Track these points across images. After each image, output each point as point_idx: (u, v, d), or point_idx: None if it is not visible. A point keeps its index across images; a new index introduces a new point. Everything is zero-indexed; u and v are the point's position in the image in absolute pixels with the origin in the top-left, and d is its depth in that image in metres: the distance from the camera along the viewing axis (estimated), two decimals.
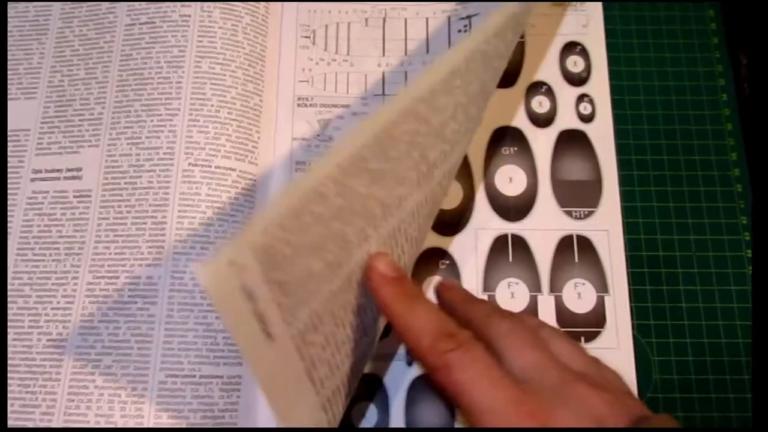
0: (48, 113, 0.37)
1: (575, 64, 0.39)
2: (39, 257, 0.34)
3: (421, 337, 0.25)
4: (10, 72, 0.38)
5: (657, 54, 0.40)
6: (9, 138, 0.37)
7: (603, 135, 0.38)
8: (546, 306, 0.35)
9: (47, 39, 0.39)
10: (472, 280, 0.35)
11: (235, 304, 0.21)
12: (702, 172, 0.37)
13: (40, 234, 0.35)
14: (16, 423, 0.32)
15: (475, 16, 0.39)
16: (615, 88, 0.39)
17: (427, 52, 0.39)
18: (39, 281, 0.34)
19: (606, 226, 0.36)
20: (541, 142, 0.38)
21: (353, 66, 0.39)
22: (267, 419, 0.32)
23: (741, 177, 0.37)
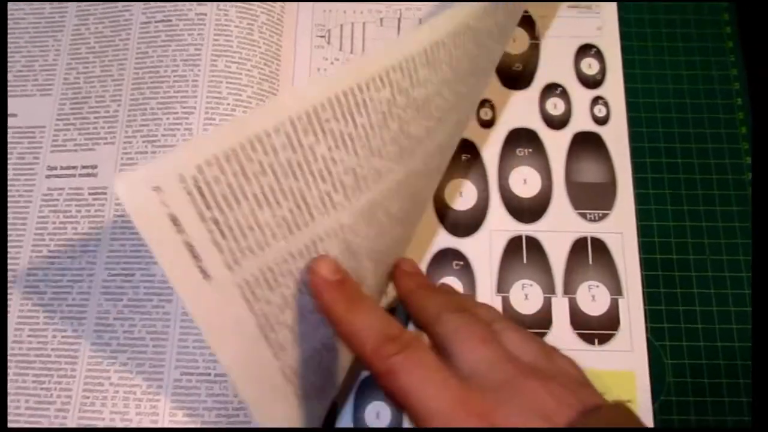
0: (63, 110, 0.37)
1: (590, 67, 0.39)
2: (54, 254, 0.34)
3: (364, 342, 0.24)
4: (26, 69, 0.38)
5: (671, 57, 0.40)
6: (24, 134, 0.37)
7: (617, 137, 0.38)
8: (560, 308, 0.35)
9: (63, 36, 0.39)
10: (486, 281, 0.35)
11: (162, 232, 0.20)
12: (717, 175, 0.37)
13: (55, 231, 0.35)
14: (31, 419, 0.32)
15: None
16: (629, 91, 0.39)
17: None
18: (54, 278, 0.34)
19: (620, 229, 0.36)
20: (556, 144, 0.38)
21: None
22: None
23: None
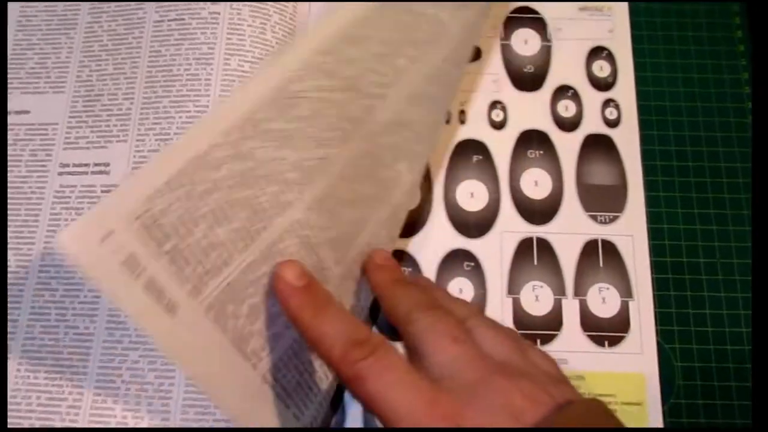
0: (76, 108, 0.37)
1: (601, 69, 0.39)
2: None
3: (331, 347, 0.23)
4: (39, 66, 0.38)
5: (683, 60, 0.40)
6: (36, 131, 0.37)
7: (628, 140, 0.38)
8: (570, 310, 0.35)
9: (76, 34, 0.39)
10: (496, 282, 0.35)
11: (121, 280, 0.20)
12: (727, 179, 0.37)
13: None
14: (43, 415, 0.32)
15: None
16: (641, 94, 0.39)
17: None
18: (66, 275, 0.34)
19: (631, 231, 0.36)
20: (567, 146, 0.38)
21: None
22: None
23: None
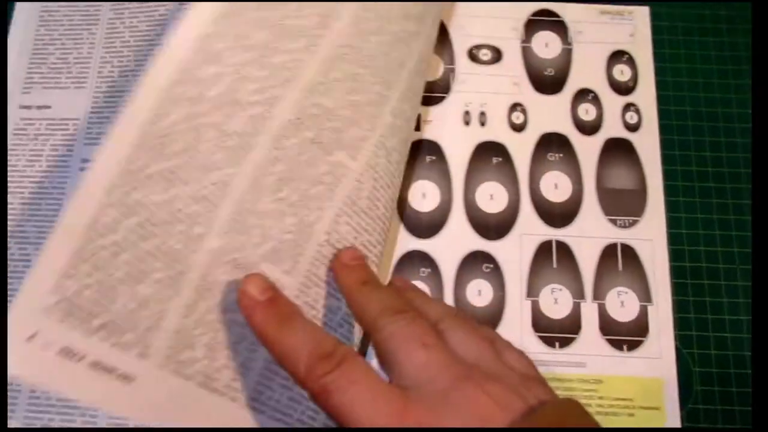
0: (97, 103, 0.37)
1: (622, 73, 0.39)
2: None
3: (297, 362, 0.23)
4: (60, 61, 0.38)
5: (703, 66, 0.40)
6: (58, 126, 0.37)
7: (649, 144, 0.38)
8: (589, 313, 0.35)
9: (98, 30, 0.39)
10: (515, 285, 0.35)
11: (64, 374, 0.20)
12: (747, 185, 0.37)
13: None
14: (62, 410, 0.32)
15: None
16: (661, 98, 0.39)
17: None
18: None
19: (650, 236, 0.36)
20: (587, 150, 0.38)
21: None
22: None
23: None
